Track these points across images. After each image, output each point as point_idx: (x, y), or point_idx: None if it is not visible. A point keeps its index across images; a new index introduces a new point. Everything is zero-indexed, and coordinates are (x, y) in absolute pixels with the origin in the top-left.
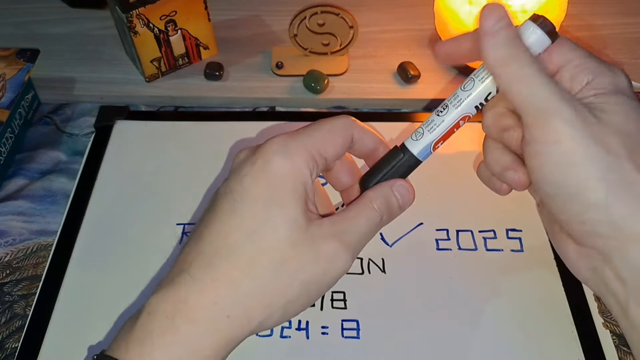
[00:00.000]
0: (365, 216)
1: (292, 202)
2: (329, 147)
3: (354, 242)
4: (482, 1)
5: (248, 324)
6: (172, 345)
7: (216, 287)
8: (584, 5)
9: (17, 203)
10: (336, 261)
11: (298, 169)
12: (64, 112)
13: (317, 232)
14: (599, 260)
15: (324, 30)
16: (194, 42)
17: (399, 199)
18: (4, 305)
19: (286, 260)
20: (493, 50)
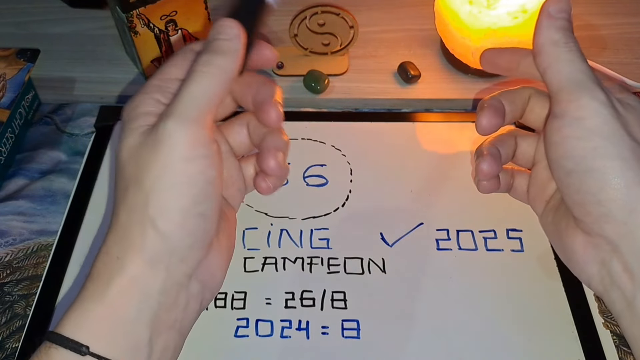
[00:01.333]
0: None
1: (124, 132)
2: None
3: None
4: (482, 1)
5: (137, 254)
6: (79, 303)
7: (105, 241)
8: (584, 5)
9: (17, 203)
10: (160, 136)
11: (130, 105)
12: (64, 112)
13: (146, 131)
14: (607, 250)
15: (324, 30)
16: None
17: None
18: (4, 305)
19: (127, 178)
20: (550, 30)
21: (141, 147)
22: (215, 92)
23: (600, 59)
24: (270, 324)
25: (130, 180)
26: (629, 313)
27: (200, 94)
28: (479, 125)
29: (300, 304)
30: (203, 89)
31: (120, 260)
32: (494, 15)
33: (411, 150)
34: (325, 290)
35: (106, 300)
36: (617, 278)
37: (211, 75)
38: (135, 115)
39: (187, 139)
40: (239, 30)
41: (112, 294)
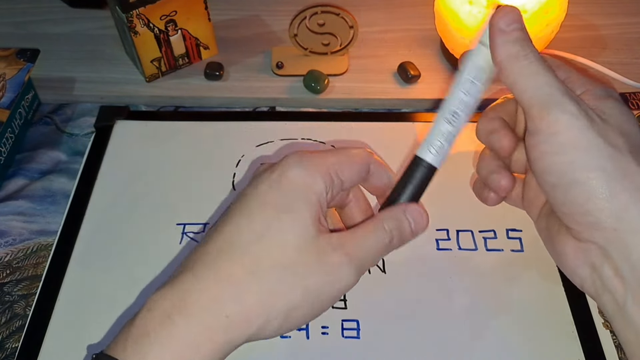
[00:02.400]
0: (374, 234)
1: (304, 210)
2: (345, 169)
3: (361, 257)
4: (482, 1)
5: (247, 326)
6: (168, 340)
7: (217, 285)
8: (584, 5)
9: (17, 203)
10: (341, 273)
11: (313, 181)
12: (64, 112)
13: (325, 242)
14: (598, 256)
15: (324, 30)
16: (194, 42)
17: (411, 223)
18: (4, 305)
19: (291, 264)
20: (504, 47)
21: (318, 256)
22: (378, 261)
23: (600, 59)
24: None
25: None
26: (621, 317)
27: (376, 259)
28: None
29: None
30: (379, 255)
31: (228, 321)
32: None
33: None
34: None
35: (198, 353)
36: (608, 282)
37: (387, 249)
38: (314, 200)
39: (349, 289)
40: (424, 230)
41: (204, 350)
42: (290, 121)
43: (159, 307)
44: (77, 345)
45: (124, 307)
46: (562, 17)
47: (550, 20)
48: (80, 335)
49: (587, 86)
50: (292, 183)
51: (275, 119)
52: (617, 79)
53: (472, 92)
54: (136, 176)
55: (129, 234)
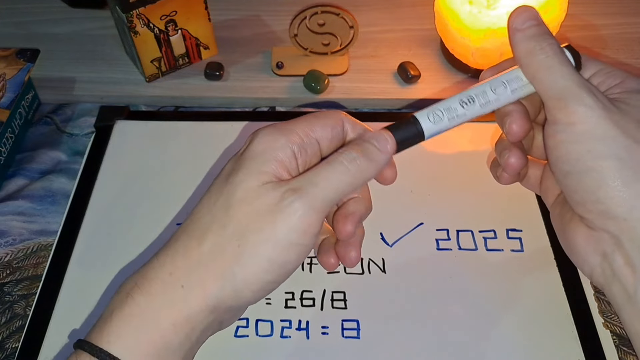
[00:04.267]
0: (326, 162)
1: (250, 166)
2: (316, 127)
3: (310, 187)
4: (482, 1)
5: (204, 296)
6: (128, 318)
7: (173, 260)
8: (584, 5)
9: (17, 203)
10: (285, 209)
11: (272, 140)
12: (64, 112)
13: (270, 188)
14: (609, 244)
15: (324, 30)
16: (194, 42)
17: (373, 142)
18: (4, 305)
19: (232, 221)
20: (522, 43)
21: (260, 199)
22: (346, 191)
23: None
24: (270, 324)
25: (233, 223)
26: (630, 306)
27: (335, 187)
28: (511, 132)
29: (300, 304)
30: (339, 184)
31: (184, 291)
32: (494, 15)
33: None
34: (325, 290)
35: (158, 327)
36: (619, 271)
37: (351, 174)
38: (269, 158)
39: (305, 226)
40: (393, 148)
41: (165, 322)
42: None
43: (123, 289)
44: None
45: None
46: (562, 17)
47: (550, 20)
48: (80, 335)
49: (622, 77)
50: (251, 149)
51: (275, 119)
52: None
53: (498, 92)
54: (136, 176)
55: (129, 234)
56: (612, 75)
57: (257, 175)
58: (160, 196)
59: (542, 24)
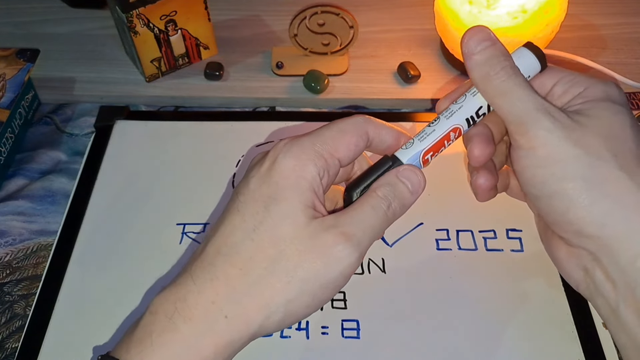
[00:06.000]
0: (369, 205)
1: (293, 199)
2: (340, 146)
3: (358, 233)
4: (482, 1)
5: (247, 325)
6: (170, 343)
7: (214, 286)
8: (584, 5)
9: (17, 203)
10: (338, 253)
11: (302, 168)
12: (64, 112)
13: (318, 226)
14: (589, 260)
15: (324, 30)
16: (194, 42)
17: (406, 184)
18: (4, 305)
19: (284, 256)
20: (476, 68)
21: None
22: (381, 232)
23: (600, 59)
24: None
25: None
26: (614, 320)
27: (377, 233)
28: (472, 157)
29: None
30: (380, 228)
31: (227, 321)
32: (494, 15)
33: None
34: None
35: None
36: (601, 286)
37: (388, 219)
38: (306, 188)
39: (351, 272)
40: (423, 190)
41: (207, 349)
42: (290, 121)
43: (161, 310)
44: (77, 346)
45: (124, 307)
46: (562, 17)
47: (550, 20)
48: (80, 335)
49: (586, 84)
50: (281, 174)
51: (275, 119)
52: (617, 79)
53: (460, 101)
54: (136, 176)
55: (129, 234)
56: (576, 82)
57: (302, 210)
58: (160, 196)
59: (496, 44)
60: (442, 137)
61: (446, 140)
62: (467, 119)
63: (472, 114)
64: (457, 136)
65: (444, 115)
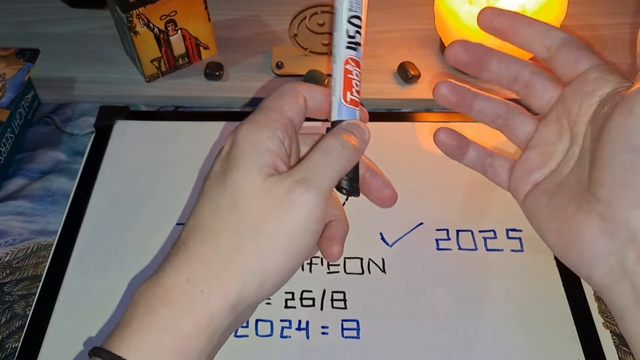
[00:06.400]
0: (321, 150)
1: (247, 162)
2: (284, 107)
3: (313, 176)
4: (482, 1)
5: (225, 297)
6: (149, 327)
7: (189, 265)
8: (584, 5)
9: (17, 203)
10: (296, 201)
11: (256, 132)
12: (64, 112)
13: (275, 181)
14: (623, 239)
15: (324, 30)
16: (194, 42)
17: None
18: (4, 305)
19: (246, 218)
20: None
21: (270, 194)
22: (341, 174)
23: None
24: (270, 324)
25: (246, 220)
26: (636, 306)
27: (335, 172)
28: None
29: (300, 304)
30: (337, 168)
31: (204, 295)
32: None
33: (411, 150)
34: (325, 290)
35: (181, 332)
36: (631, 268)
37: (344, 157)
38: (262, 150)
39: (317, 213)
40: (368, 137)
41: (187, 328)
42: None
43: (141, 298)
44: (77, 345)
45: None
46: (562, 17)
47: (550, 20)
48: (80, 335)
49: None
50: (238, 147)
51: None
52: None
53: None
54: (136, 176)
55: (129, 234)
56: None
57: (258, 170)
58: (160, 196)
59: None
60: (343, 76)
61: (348, 74)
62: (346, 45)
63: (347, 34)
64: (356, 64)
65: (333, 60)
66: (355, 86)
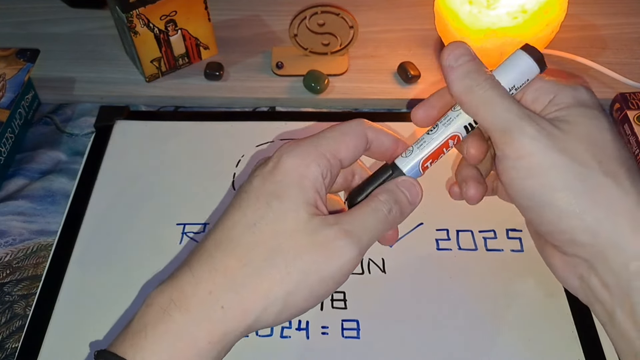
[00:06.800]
0: (370, 207)
1: (295, 195)
2: (341, 148)
3: (358, 231)
4: (482, 1)
5: (243, 316)
6: (164, 334)
7: (212, 277)
8: (584, 5)
9: (17, 203)
10: (338, 248)
11: (306, 167)
12: (64, 112)
13: (320, 222)
14: (584, 268)
15: (324, 30)
16: (194, 42)
17: (405, 193)
18: (4, 305)
19: (284, 249)
20: (456, 81)
21: (312, 235)
22: (381, 235)
23: (600, 59)
24: None
25: (284, 250)
26: (612, 326)
27: (377, 234)
28: (469, 156)
29: None
30: (380, 231)
31: (224, 311)
32: (494, 15)
33: None
34: None
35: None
36: (597, 293)
37: (388, 223)
38: (308, 187)
39: (351, 267)
40: (419, 201)
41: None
42: (290, 121)
43: (156, 302)
44: (77, 345)
45: (124, 306)
46: (562, 17)
47: (550, 20)
48: (80, 335)
49: (555, 92)
50: (284, 172)
51: (275, 119)
52: (617, 79)
53: (457, 108)
54: (136, 176)
55: (129, 234)
56: (544, 90)
57: (304, 207)
58: (160, 196)
59: (475, 59)
60: (440, 145)
61: (445, 148)
62: (465, 126)
63: (470, 121)
64: (455, 143)
65: (442, 123)
66: (437, 159)
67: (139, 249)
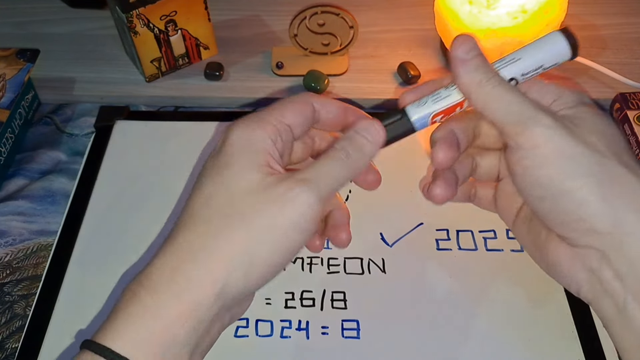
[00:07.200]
0: (326, 156)
1: (245, 159)
2: (286, 113)
3: (314, 178)
4: (482, 1)
5: (210, 284)
6: (136, 317)
7: (177, 254)
8: (584, 5)
9: (17, 203)
10: (294, 197)
11: (251, 131)
12: (64, 112)
13: (274, 180)
14: (596, 259)
15: (324, 30)
16: (194, 42)
17: (364, 135)
18: (4, 305)
19: (240, 210)
20: (468, 75)
21: (268, 190)
22: (344, 182)
23: (600, 59)
24: (270, 324)
25: (239, 212)
26: (619, 320)
27: (337, 179)
28: (436, 160)
29: (300, 304)
30: (339, 175)
31: (189, 283)
32: (494, 15)
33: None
34: (325, 290)
35: (164, 320)
36: (608, 285)
37: (348, 166)
38: (257, 150)
39: (313, 213)
40: (383, 139)
41: (171, 316)
42: None
43: (128, 288)
44: (77, 345)
45: None
46: (562, 17)
47: (550, 20)
48: (80, 335)
49: (557, 94)
50: (231, 144)
51: None
52: (617, 79)
53: None
54: (136, 176)
55: (129, 234)
56: (546, 91)
57: (256, 168)
58: (160, 196)
59: (482, 54)
60: (456, 102)
61: (459, 107)
62: None
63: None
64: (468, 106)
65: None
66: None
67: (139, 249)
